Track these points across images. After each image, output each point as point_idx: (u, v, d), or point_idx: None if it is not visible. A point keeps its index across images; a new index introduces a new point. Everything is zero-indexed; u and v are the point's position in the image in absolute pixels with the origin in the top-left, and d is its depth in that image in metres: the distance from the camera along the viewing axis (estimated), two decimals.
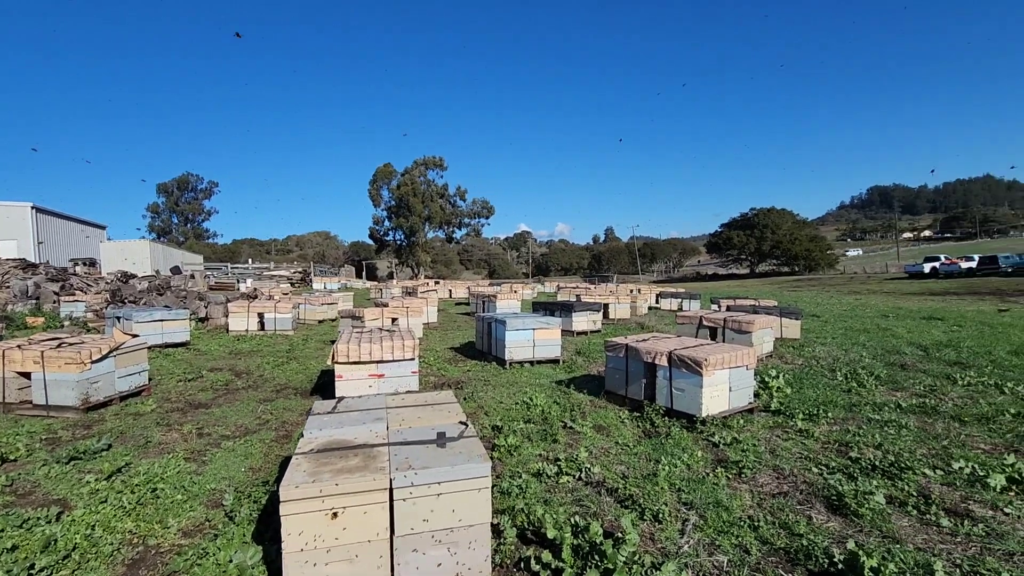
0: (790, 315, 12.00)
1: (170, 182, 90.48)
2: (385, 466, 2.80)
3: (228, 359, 10.20)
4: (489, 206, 76.45)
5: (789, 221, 76.19)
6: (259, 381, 8.28)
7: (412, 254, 71.60)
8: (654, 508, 3.79)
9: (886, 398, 6.81)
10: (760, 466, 4.65)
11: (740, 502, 3.97)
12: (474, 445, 3.10)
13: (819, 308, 20.87)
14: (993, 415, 5.95)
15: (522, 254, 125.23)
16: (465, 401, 6.89)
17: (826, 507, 3.90)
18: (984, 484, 4.14)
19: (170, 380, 8.22)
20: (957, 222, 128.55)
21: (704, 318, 10.37)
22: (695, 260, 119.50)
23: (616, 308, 16.91)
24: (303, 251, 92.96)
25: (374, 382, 6.61)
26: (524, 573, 3.11)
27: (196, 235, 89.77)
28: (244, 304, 13.94)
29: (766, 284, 52.20)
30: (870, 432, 5.45)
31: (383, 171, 71.26)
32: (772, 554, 3.31)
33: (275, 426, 5.95)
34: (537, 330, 9.22)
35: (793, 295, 31.42)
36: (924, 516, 3.72)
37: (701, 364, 5.64)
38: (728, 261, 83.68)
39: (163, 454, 5.03)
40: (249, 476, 4.55)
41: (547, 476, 4.40)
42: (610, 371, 6.97)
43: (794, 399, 6.71)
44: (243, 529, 3.55)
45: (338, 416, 3.71)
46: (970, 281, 35.85)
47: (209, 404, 6.92)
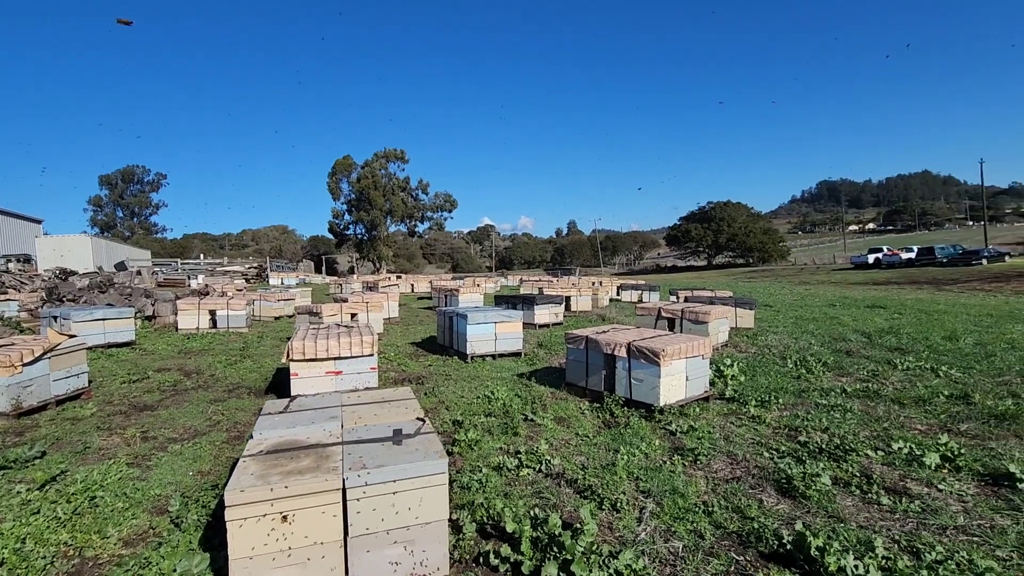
0: (744, 305, 12.38)
1: (114, 174, 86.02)
2: (338, 466, 2.72)
3: (177, 358, 9.77)
4: (452, 200, 75.87)
5: (744, 214, 78.60)
6: (210, 381, 7.96)
7: (374, 248, 70.39)
8: (612, 497, 3.83)
9: (833, 383, 7.11)
10: (715, 452, 4.78)
11: (695, 488, 4.07)
12: (431, 441, 3.05)
13: (772, 298, 21.63)
14: (929, 397, 6.29)
15: (485, 248, 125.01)
16: (426, 396, 6.81)
17: (776, 490, 4.03)
18: (920, 463, 4.37)
19: (113, 382, 7.81)
20: (898, 215, 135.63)
21: (663, 309, 10.58)
22: (655, 253, 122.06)
23: (578, 300, 17.07)
24: (259, 246, 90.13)
25: (331, 380, 6.45)
26: (483, 568, 3.09)
27: (143, 230, 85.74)
28: (194, 301, 13.38)
29: (723, 275, 53.80)
30: (818, 416, 5.68)
31: (342, 163, 69.65)
32: (725, 538, 3.40)
33: (226, 427, 5.73)
34: (499, 323, 9.19)
35: (748, 286, 32.49)
36: (866, 495, 3.90)
37: (659, 354, 5.74)
38: (687, 253, 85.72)
39: (103, 460, 4.76)
40: (198, 480, 4.36)
41: (507, 469, 4.39)
42: (571, 363, 7.02)
43: (747, 386, 6.92)
44: (189, 536, 3.40)
45: (290, 416, 3.59)
46: (910, 271, 37.94)
47: (155, 406, 6.61)
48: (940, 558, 3.04)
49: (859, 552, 3.06)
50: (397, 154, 71.54)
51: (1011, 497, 3.81)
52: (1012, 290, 22.81)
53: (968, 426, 5.33)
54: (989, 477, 4.16)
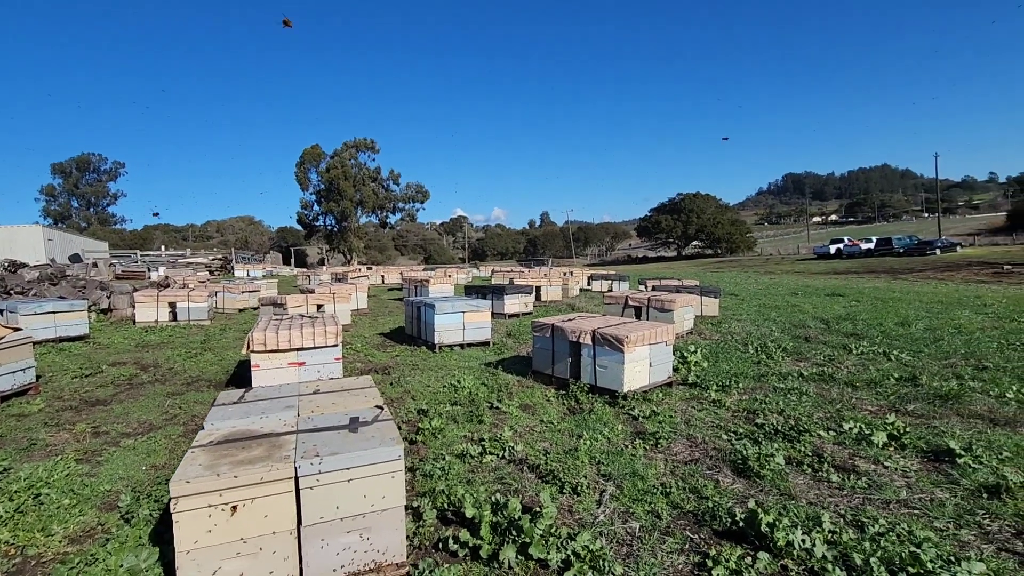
0: (710, 294, 12.63)
1: (68, 162, 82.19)
2: (290, 454, 2.67)
3: (134, 352, 9.45)
4: (424, 190, 75.04)
5: (713, 206, 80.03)
6: (168, 374, 7.72)
7: (344, 240, 69.21)
8: (574, 482, 3.87)
9: (791, 368, 7.33)
10: (675, 436, 4.87)
11: (655, 471, 4.14)
12: (388, 428, 3.02)
13: (737, 287, 22.13)
14: (880, 380, 6.55)
15: (458, 239, 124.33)
16: (392, 386, 6.75)
17: (732, 471, 4.14)
18: (869, 442, 4.54)
19: (64, 377, 7.50)
20: (859, 207, 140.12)
21: (630, 298, 10.71)
22: (627, 243, 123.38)
23: (548, 290, 17.15)
24: (224, 237, 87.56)
25: (295, 371, 6.33)
26: (442, 553, 3.09)
27: (100, 220, 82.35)
28: (153, 293, 12.92)
29: (691, 266, 54.78)
30: (775, 400, 5.84)
31: (311, 153, 68.06)
32: (681, 517, 3.47)
33: (183, 420, 5.58)
34: (467, 313, 9.16)
35: (715, 275, 33.16)
36: (817, 473, 4.04)
37: (623, 341, 5.81)
38: (657, 244, 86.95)
39: (50, 456, 4.58)
40: (151, 475, 4.23)
41: (471, 457, 4.40)
42: (537, 351, 7.05)
43: (710, 372, 7.07)
44: (139, 531, 3.30)
45: (245, 406, 3.51)
46: (868, 261, 39.31)
47: (108, 400, 6.38)
48: (882, 530, 3.17)
49: (807, 527, 3.17)
50: (367, 144, 70.30)
51: (950, 472, 4.00)
52: (962, 278, 23.86)
53: (915, 406, 5.57)
54: (932, 454, 4.35)
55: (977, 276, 24.28)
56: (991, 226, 66.67)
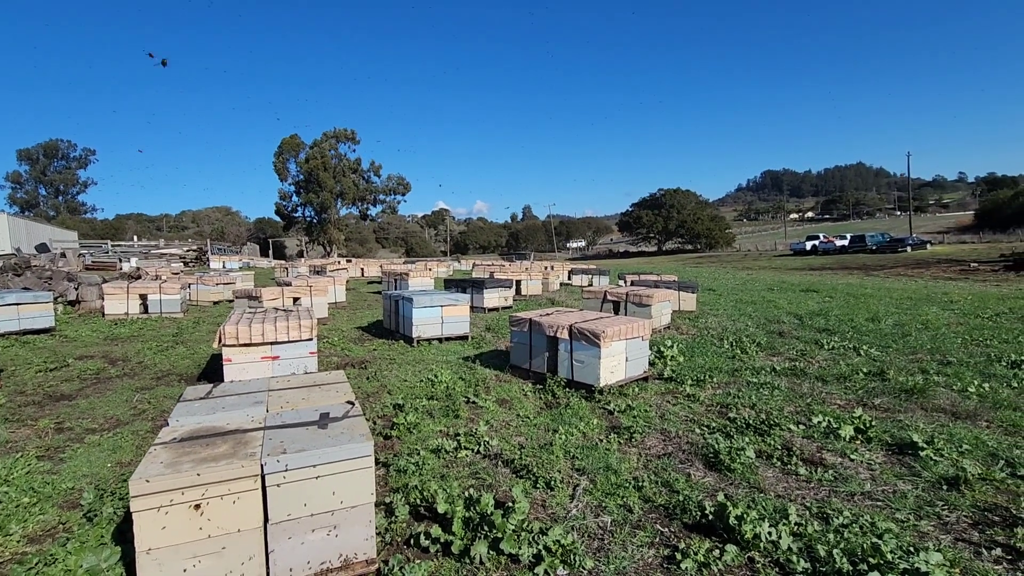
0: (687, 289, 12.77)
1: (35, 148, 79.42)
2: (256, 451, 2.62)
3: (102, 345, 9.20)
4: (405, 182, 74.29)
5: (693, 202, 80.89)
6: (137, 368, 7.54)
7: (324, 232, 68.23)
8: (547, 476, 3.89)
9: (764, 363, 7.45)
10: (649, 430, 4.92)
11: (628, 465, 4.18)
12: (358, 424, 2.98)
13: (716, 283, 22.43)
14: (849, 374, 6.69)
15: (440, 232, 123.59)
16: (368, 381, 6.69)
17: (704, 464, 4.20)
18: (836, 435, 4.64)
19: (27, 371, 7.27)
20: (835, 204, 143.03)
21: (608, 292, 10.77)
22: (608, 238, 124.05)
23: (528, 284, 17.15)
24: (200, 228, 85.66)
25: (268, 365, 6.23)
26: (414, 549, 3.07)
27: (70, 209, 79.84)
28: (123, 285, 12.59)
29: (671, 261, 55.36)
30: (748, 394, 5.94)
31: (289, 143, 66.83)
32: (653, 511, 3.51)
33: (152, 416, 5.45)
34: (445, 307, 9.11)
35: (694, 271, 33.56)
36: (786, 466, 4.11)
37: (599, 336, 5.83)
38: (638, 239, 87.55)
39: (10, 454, 4.44)
40: (116, 472, 4.13)
41: (446, 452, 4.38)
42: (515, 346, 7.05)
43: (685, 367, 7.15)
44: (101, 530, 3.22)
45: (211, 402, 3.43)
46: (843, 257, 40.19)
47: (74, 395, 6.20)
48: (846, 522, 3.25)
49: (774, 520, 3.22)
50: (347, 134, 69.27)
51: (913, 464, 4.11)
52: (931, 275, 24.54)
53: (881, 400, 5.71)
54: (895, 447, 4.47)
55: (945, 273, 25.00)
56: (959, 224, 68.75)
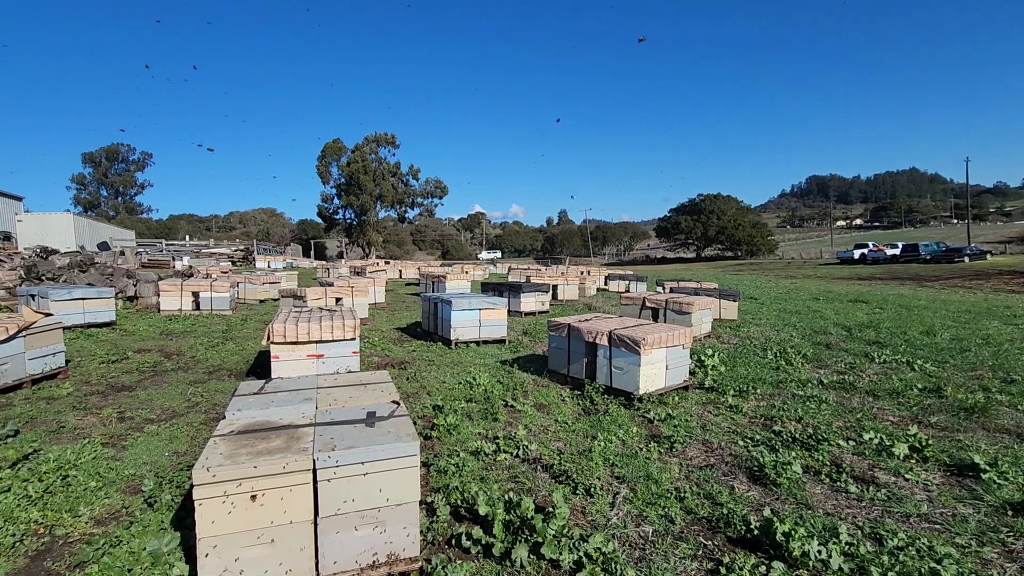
0: (729, 297, 12.48)
1: (97, 151, 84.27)
2: (308, 447, 2.72)
3: (158, 340, 9.67)
4: (443, 186, 75.29)
5: (734, 207, 79.01)
6: (191, 362, 7.89)
7: (363, 233, 69.81)
8: (587, 483, 3.88)
9: (810, 375, 7.21)
10: (690, 440, 4.84)
11: (669, 475, 4.12)
12: (404, 424, 3.05)
13: (757, 291, 21.83)
14: (903, 390, 6.41)
15: (476, 235, 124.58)
16: (408, 381, 6.81)
17: (748, 477, 4.10)
18: (890, 453, 4.46)
19: (91, 362, 7.71)
20: (885, 212, 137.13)
21: (647, 299, 10.64)
22: (645, 244, 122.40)
23: (565, 289, 17.10)
24: (246, 228, 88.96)
25: (313, 363, 6.42)
26: (455, 550, 3.11)
27: (128, 209, 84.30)
28: (177, 283, 13.21)
29: (711, 268, 54.17)
30: (793, 407, 5.76)
31: (332, 147, 68.76)
32: (695, 523, 3.45)
33: (205, 408, 5.70)
34: (483, 310, 9.19)
35: (734, 278, 32.75)
36: (835, 483, 3.98)
37: (639, 343, 5.78)
38: (676, 245, 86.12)
39: (78, 440, 4.72)
40: (173, 460, 4.34)
41: (485, 454, 4.42)
42: (553, 350, 7.05)
43: (727, 376, 7.00)
44: (162, 515, 3.39)
45: (264, 397, 3.58)
46: (893, 267, 38.46)
47: (134, 387, 6.55)
48: (902, 544, 3.12)
49: (824, 538, 3.12)
50: (388, 138, 70.74)
51: (974, 487, 3.91)
52: (991, 288, 23.21)
53: (938, 418, 5.45)
54: (955, 468, 4.26)
55: (1007, 285, 23.60)
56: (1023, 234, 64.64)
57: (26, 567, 2.95)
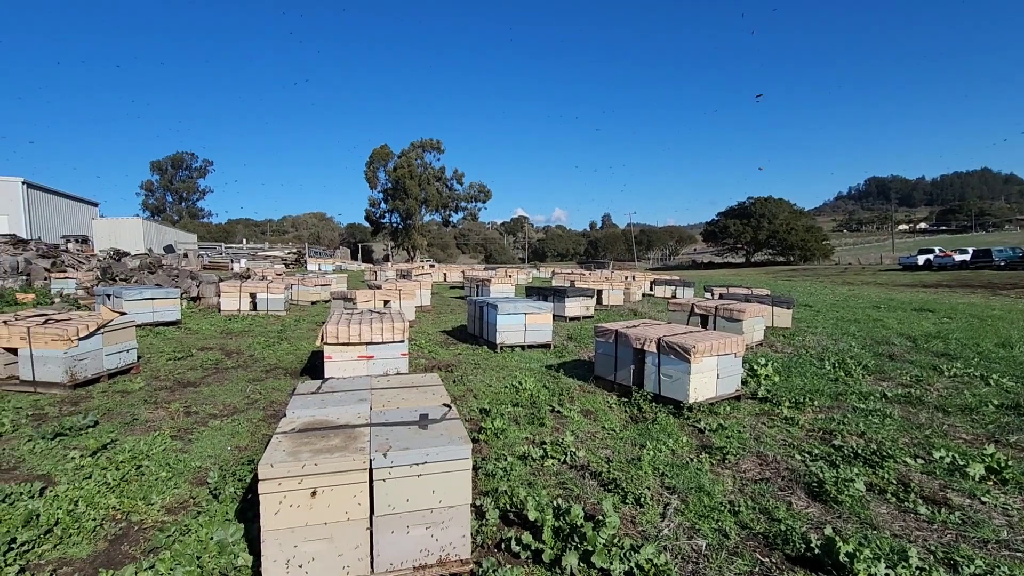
0: (782, 304, 12.04)
1: (164, 160, 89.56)
2: (365, 447, 2.80)
3: (219, 339, 10.17)
4: (486, 190, 76.05)
5: (786, 211, 76.14)
6: (249, 361, 8.26)
7: (408, 237, 71.27)
8: (637, 492, 3.82)
9: (872, 387, 6.86)
10: (744, 452, 4.69)
11: (722, 487, 4.01)
12: (456, 427, 3.10)
13: (812, 298, 20.95)
14: (977, 406, 6.01)
15: (519, 239, 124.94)
16: (454, 384, 6.90)
17: (807, 493, 3.94)
18: (963, 473, 4.19)
19: (160, 359, 8.19)
20: (953, 215, 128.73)
21: (696, 306, 10.39)
22: (691, 248, 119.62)
23: (609, 294, 16.92)
24: (298, 232, 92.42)
25: (363, 364, 6.60)
26: (505, 554, 3.13)
27: (190, 214, 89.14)
28: (236, 284, 13.87)
29: (761, 273, 52.35)
30: (854, 421, 5.50)
31: (380, 152, 70.62)
32: (751, 538, 3.34)
33: (263, 406, 5.95)
34: (528, 315, 9.21)
35: (787, 284, 31.53)
36: (902, 504, 3.77)
37: (689, 351, 5.65)
38: (724, 250, 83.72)
39: (149, 432, 5.02)
40: (235, 455, 4.55)
41: (532, 459, 4.43)
42: (599, 356, 6.98)
43: (782, 387, 6.75)
44: (226, 507, 3.56)
45: (321, 396, 3.71)
46: (963, 274, 36.06)
47: (198, 383, 6.91)
48: (979, 572, 2.92)
49: (891, 561, 2.96)
50: (433, 144, 72.07)
51: None
52: None
53: (1018, 437, 5.07)
54: None
55: None
56: None
57: (106, 550, 3.16)
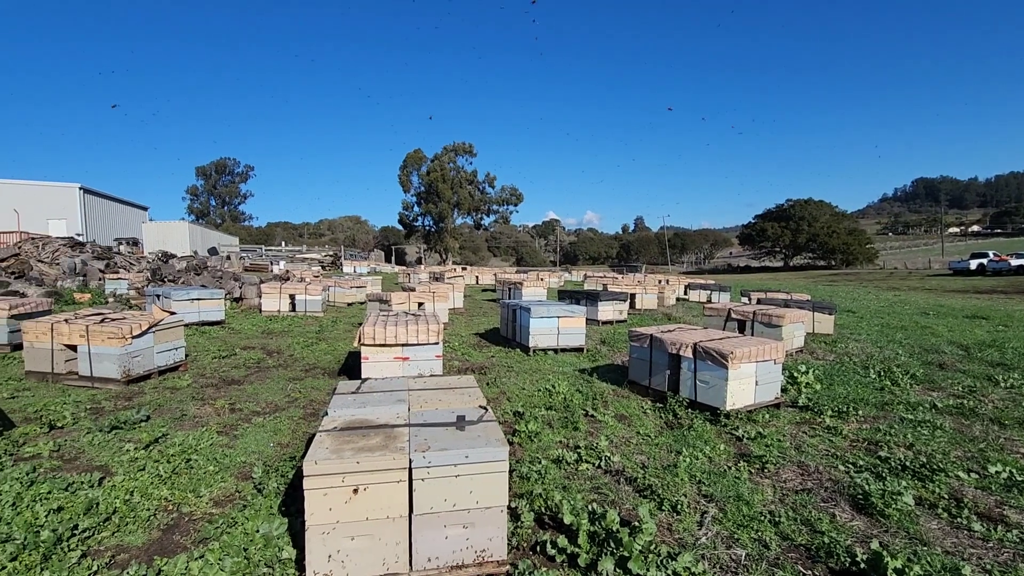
0: (823, 310, 11.67)
1: (208, 165, 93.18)
2: (405, 446, 2.86)
3: (260, 338, 10.51)
4: (518, 193, 76.33)
5: (827, 213, 73.80)
6: (289, 360, 8.52)
7: (440, 240, 72.14)
8: (673, 499, 3.77)
9: (921, 397, 6.59)
10: (784, 461, 4.58)
11: (761, 497, 3.92)
12: (493, 429, 3.13)
13: (855, 304, 20.23)
14: None
15: (550, 242, 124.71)
16: (488, 387, 6.95)
17: (851, 506, 3.82)
18: (1021, 490, 3.98)
19: (205, 357, 8.52)
20: (1009, 217, 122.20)
21: (733, 310, 10.18)
22: (727, 252, 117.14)
23: (643, 298, 16.72)
24: (334, 235, 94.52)
25: (399, 365, 6.72)
26: (540, 556, 3.14)
27: (232, 217, 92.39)
28: (276, 285, 14.31)
29: (800, 278, 50.81)
30: (902, 432, 5.29)
31: (413, 157, 71.73)
32: (792, 550, 3.26)
33: (303, 404, 6.12)
34: (561, 318, 9.20)
35: (828, 289, 30.53)
36: (955, 520, 3.61)
37: (727, 357, 5.55)
38: (761, 253, 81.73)
39: (197, 427, 5.23)
40: (277, 451, 4.70)
41: (566, 463, 4.43)
42: (634, 361, 6.92)
43: (823, 395, 6.55)
44: (270, 501, 3.69)
45: (361, 396, 3.80)
46: (1019, 279, 34.16)
47: (241, 381, 7.16)
48: None
49: None
50: (465, 147, 72.80)
51: None
52: None
53: None
54: None
55: None
56: None
57: (159, 539, 3.32)
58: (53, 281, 16.62)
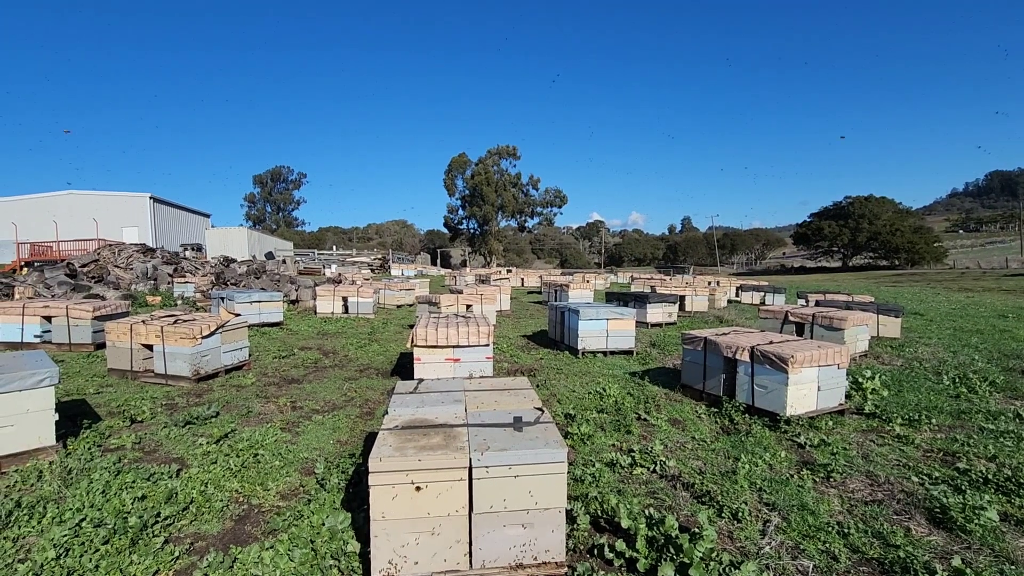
0: (888, 312, 11.07)
1: (264, 174, 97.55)
2: (464, 446, 2.91)
3: (316, 339, 10.91)
4: (562, 195, 76.07)
5: (889, 210, 69.75)
6: (344, 361, 8.80)
7: (485, 243, 72.74)
8: (733, 506, 3.68)
9: (1003, 406, 6.15)
10: (851, 471, 4.38)
11: (828, 507, 3.77)
12: (550, 430, 3.15)
13: (923, 306, 19.07)
14: None
15: (594, 244, 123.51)
16: (538, 389, 6.96)
17: (927, 519, 3.61)
18: None
19: (267, 356, 8.92)
20: None
21: (790, 313, 9.80)
22: (780, 252, 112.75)
23: (693, 300, 16.33)
24: (382, 239, 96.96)
25: (451, 366, 6.83)
26: (598, 560, 3.13)
27: (286, 223, 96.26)
28: (330, 288, 14.82)
29: (861, 278, 48.30)
30: (982, 442, 4.96)
31: (458, 160, 72.68)
32: (863, 563, 3.12)
33: (359, 403, 6.32)
34: (611, 320, 9.11)
35: (892, 291, 28.89)
36: None
37: (787, 361, 5.36)
38: (817, 253, 78.06)
39: (262, 423, 5.49)
40: (337, 448, 4.87)
41: (620, 466, 4.39)
42: (687, 364, 6.78)
43: (892, 402, 6.22)
44: (333, 496, 3.83)
45: (419, 396, 3.89)
46: None
47: (301, 380, 7.46)
48: None
49: None
50: (509, 151, 73.15)
51: None
52: None
53: None
54: None
55: None
56: None
57: (232, 529, 3.50)
58: (128, 285, 17.81)
